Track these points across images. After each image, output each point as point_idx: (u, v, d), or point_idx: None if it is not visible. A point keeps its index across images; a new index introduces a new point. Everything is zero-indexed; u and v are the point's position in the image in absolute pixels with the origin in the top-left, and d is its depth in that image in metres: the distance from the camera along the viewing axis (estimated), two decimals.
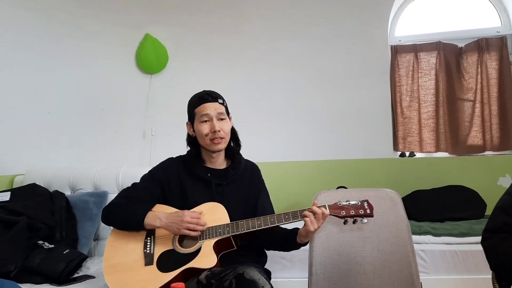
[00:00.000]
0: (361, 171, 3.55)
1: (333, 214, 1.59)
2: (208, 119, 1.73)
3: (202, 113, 1.73)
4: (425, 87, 3.68)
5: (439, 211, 3.10)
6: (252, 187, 1.82)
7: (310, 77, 3.72)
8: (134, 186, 1.81)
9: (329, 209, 1.60)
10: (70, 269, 2.07)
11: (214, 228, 1.63)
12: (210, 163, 1.81)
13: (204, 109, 1.73)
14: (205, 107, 1.74)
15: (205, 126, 1.73)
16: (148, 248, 1.66)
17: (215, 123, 1.72)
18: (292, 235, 1.67)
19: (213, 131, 1.71)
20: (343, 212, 1.59)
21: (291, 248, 1.73)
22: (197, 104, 1.76)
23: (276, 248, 1.80)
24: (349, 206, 1.60)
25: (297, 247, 1.69)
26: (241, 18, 3.79)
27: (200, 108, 1.74)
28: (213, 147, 1.74)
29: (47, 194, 2.47)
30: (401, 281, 1.79)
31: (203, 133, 1.72)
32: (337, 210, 1.60)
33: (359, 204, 1.61)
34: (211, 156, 1.79)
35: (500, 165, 3.42)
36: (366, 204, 1.61)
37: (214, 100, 1.76)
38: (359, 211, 1.59)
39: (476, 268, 2.56)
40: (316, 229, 1.56)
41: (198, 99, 1.77)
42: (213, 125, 1.71)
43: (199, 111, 1.74)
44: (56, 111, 3.14)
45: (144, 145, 3.70)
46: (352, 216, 1.58)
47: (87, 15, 3.38)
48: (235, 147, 1.86)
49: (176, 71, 3.78)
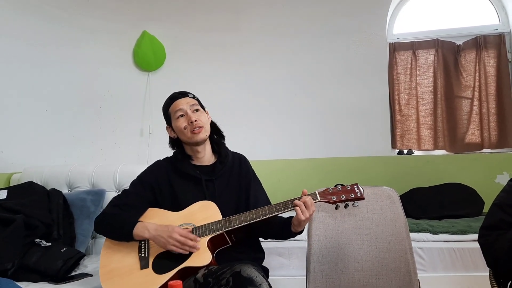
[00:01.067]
0: (359, 169, 3.55)
1: (324, 200, 1.60)
2: (183, 113, 1.76)
3: (176, 109, 1.77)
4: (423, 85, 3.68)
5: (437, 208, 3.10)
6: (242, 179, 1.82)
7: (308, 74, 3.72)
8: (125, 193, 1.82)
9: (320, 196, 1.60)
10: (67, 267, 2.06)
11: (207, 226, 1.63)
12: (197, 160, 1.81)
13: (177, 106, 1.77)
14: (177, 103, 1.78)
15: (181, 121, 1.75)
16: (143, 252, 1.66)
17: (191, 115, 1.75)
18: (287, 223, 1.67)
19: (190, 122, 1.73)
20: (334, 198, 1.59)
21: (286, 236, 1.74)
22: (170, 104, 1.81)
23: (272, 237, 1.82)
24: (339, 191, 1.60)
25: (293, 236, 1.70)
26: (238, 15, 3.79)
27: (173, 106, 1.79)
28: (195, 137, 1.74)
29: (44, 192, 2.46)
30: (399, 279, 1.79)
31: (181, 128, 1.74)
32: (327, 196, 1.60)
33: (349, 188, 1.61)
34: (197, 151, 1.80)
35: (497, 162, 3.42)
36: (356, 188, 1.61)
37: (184, 95, 1.81)
38: (350, 194, 1.59)
39: (473, 266, 2.56)
40: (307, 217, 1.56)
41: (169, 99, 1.82)
42: (189, 117, 1.74)
43: (172, 109, 1.79)
44: (53, 108, 3.13)
45: (142, 143, 3.69)
46: (343, 200, 1.59)
47: (84, 13, 3.36)
48: (219, 138, 1.86)
49: (173, 68, 3.77)
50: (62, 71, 3.21)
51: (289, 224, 1.66)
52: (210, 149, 1.84)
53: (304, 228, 1.67)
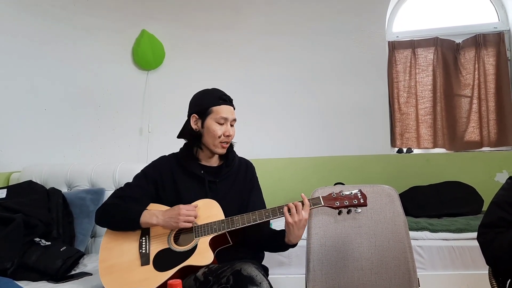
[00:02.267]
0: (358, 168, 3.55)
1: (327, 205, 1.60)
2: (224, 122, 1.74)
3: (222, 115, 1.73)
4: (422, 83, 3.68)
5: (437, 207, 3.11)
6: (245, 185, 1.82)
7: (307, 73, 3.72)
8: (128, 185, 1.80)
9: (323, 201, 1.61)
10: (67, 266, 2.06)
11: (210, 225, 1.62)
12: (205, 160, 1.81)
13: (223, 111, 1.73)
14: (226, 109, 1.75)
15: (220, 128, 1.73)
16: (144, 248, 1.65)
17: (229, 129, 1.74)
18: (281, 234, 1.66)
19: (226, 135, 1.73)
20: (337, 203, 1.60)
21: (278, 249, 1.75)
22: (217, 103, 1.74)
23: (266, 248, 1.80)
24: (342, 197, 1.61)
25: (285, 248, 1.69)
26: (238, 14, 3.78)
27: (220, 108, 1.73)
28: (219, 150, 1.75)
29: (43, 191, 2.46)
30: (398, 277, 1.80)
31: (216, 134, 1.72)
32: (331, 201, 1.61)
33: (353, 195, 1.61)
34: (208, 155, 1.79)
35: (497, 161, 3.43)
36: (359, 194, 1.62)
37: (231, 104, 1.78)
38: (353, 201, 1.60)
39: (473, 264, 2.56)
40: (296, 222, 1.54)
41: (218, 99, 1.75)
42: (228, 130, 1.73)
43: (218, 111, 1.73)
44: (52, 107, 3.12)
45: (141, 142, 3.69)
46: (346, 206, 1.60)
47: (83, 11, 3.35)
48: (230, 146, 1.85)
49: (173, 67, 3.76)
50: (61, 70, 3.20)
51: (283, 235, 1.64)
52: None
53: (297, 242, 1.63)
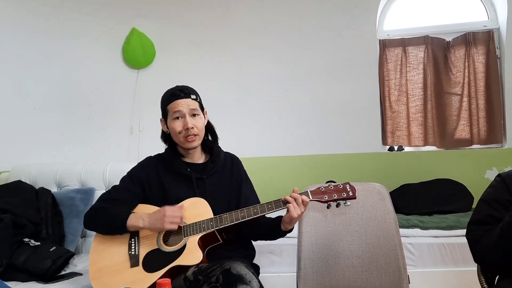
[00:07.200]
0: (350, 166, 3.56)
1: (316, 199, 1.59)
2: (180, 116, 1.71)
3: (175, 110, 1.71)
4: (413, 81, 3.69)
5: (428, 204, 3.12)
6: (233, 179, 1.81)
7: (298, 71, 3.71)
8: (115, 188, 1.80)
9: (312, 195, 1.60)
10: (56, 267, 2.04)
11: (198, 224, 1.62)
12: (188, 158, 1.80)
13: (176, 106, 1.72)
14: (177, 103, 1.72)
15: (178, 123, 1.71)
16: (133, 250, 1.65)
17: (188, 120, 1.70)
18: (276, 223, 1.66)
19: (185, 128, 1.70)
20: (326, 197, 1.59)
21: (277, 236, 1.73)
22: (169, 100, 1.74)
23: (262, 238, 1.80)
24: (331, 190, 1.60)
25: (283, 235, 1.69)
26: (228, 11, 3.76)
27: (173, 104, 1.73)
28: (187, 144, 1.73)
29: (32, 191, 2.44)
30: (389, 274, 1.81)
31: (176, 131, 1.72)
32: (319, 195, 1.60)
33: (341, 187, 1.61)
34: (187, 151, 1.79)
35: (487, 158, 3.45)
36: (348, 187, 1.61)
37: (186, 96, 1.74)
38: (341, 194, 1.59)
39: (462, 261, 2.58)
40: (299, 214, 1.55)
41: (170, 96, 1.75)
42: (186, 122, 1.70)
43: (171, 108, 1.73)
44: (41, 106, 3.09)
45: (132, 141, 3.66)
46: (334, 199, 1.59)
47: (72, 9, 3.32)
48: (212, 140, 1.84)
49: (163, 65, 3.73)
50: (50, 69, 3.18)
51: (279, 223, 1.65)
52: (201, 148, 1.83)
53: (294, 226, 1.66)
